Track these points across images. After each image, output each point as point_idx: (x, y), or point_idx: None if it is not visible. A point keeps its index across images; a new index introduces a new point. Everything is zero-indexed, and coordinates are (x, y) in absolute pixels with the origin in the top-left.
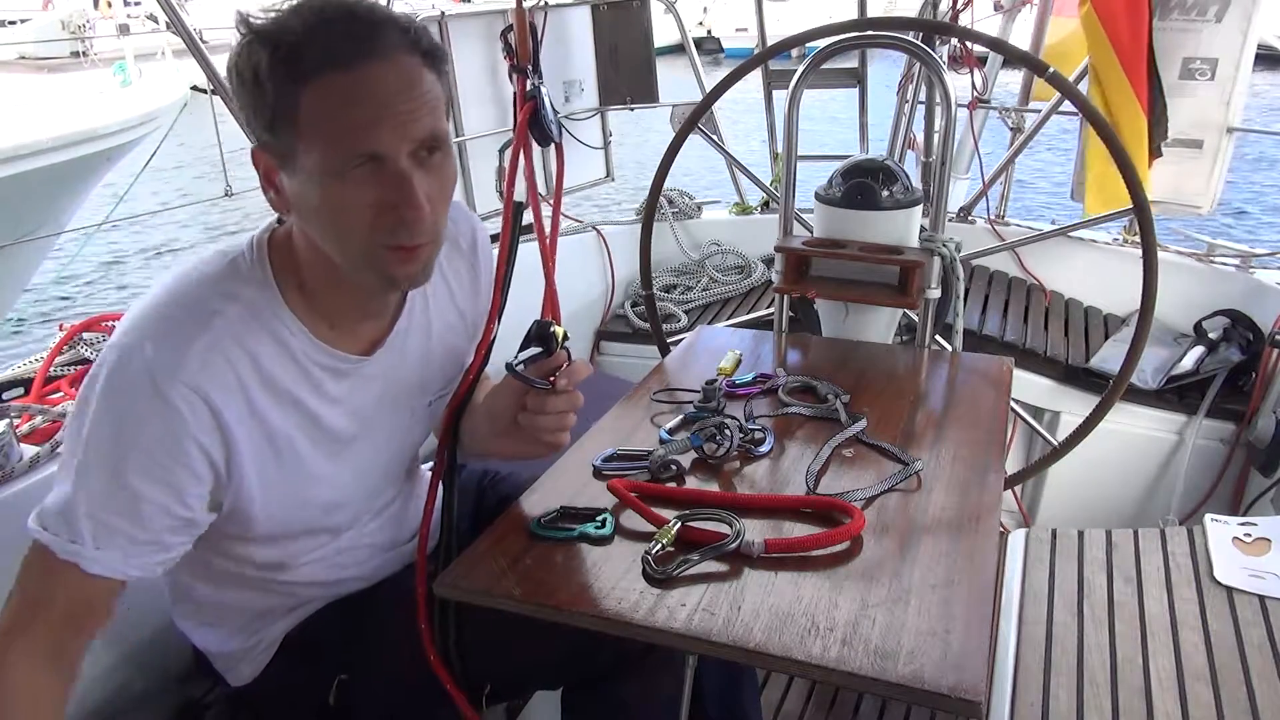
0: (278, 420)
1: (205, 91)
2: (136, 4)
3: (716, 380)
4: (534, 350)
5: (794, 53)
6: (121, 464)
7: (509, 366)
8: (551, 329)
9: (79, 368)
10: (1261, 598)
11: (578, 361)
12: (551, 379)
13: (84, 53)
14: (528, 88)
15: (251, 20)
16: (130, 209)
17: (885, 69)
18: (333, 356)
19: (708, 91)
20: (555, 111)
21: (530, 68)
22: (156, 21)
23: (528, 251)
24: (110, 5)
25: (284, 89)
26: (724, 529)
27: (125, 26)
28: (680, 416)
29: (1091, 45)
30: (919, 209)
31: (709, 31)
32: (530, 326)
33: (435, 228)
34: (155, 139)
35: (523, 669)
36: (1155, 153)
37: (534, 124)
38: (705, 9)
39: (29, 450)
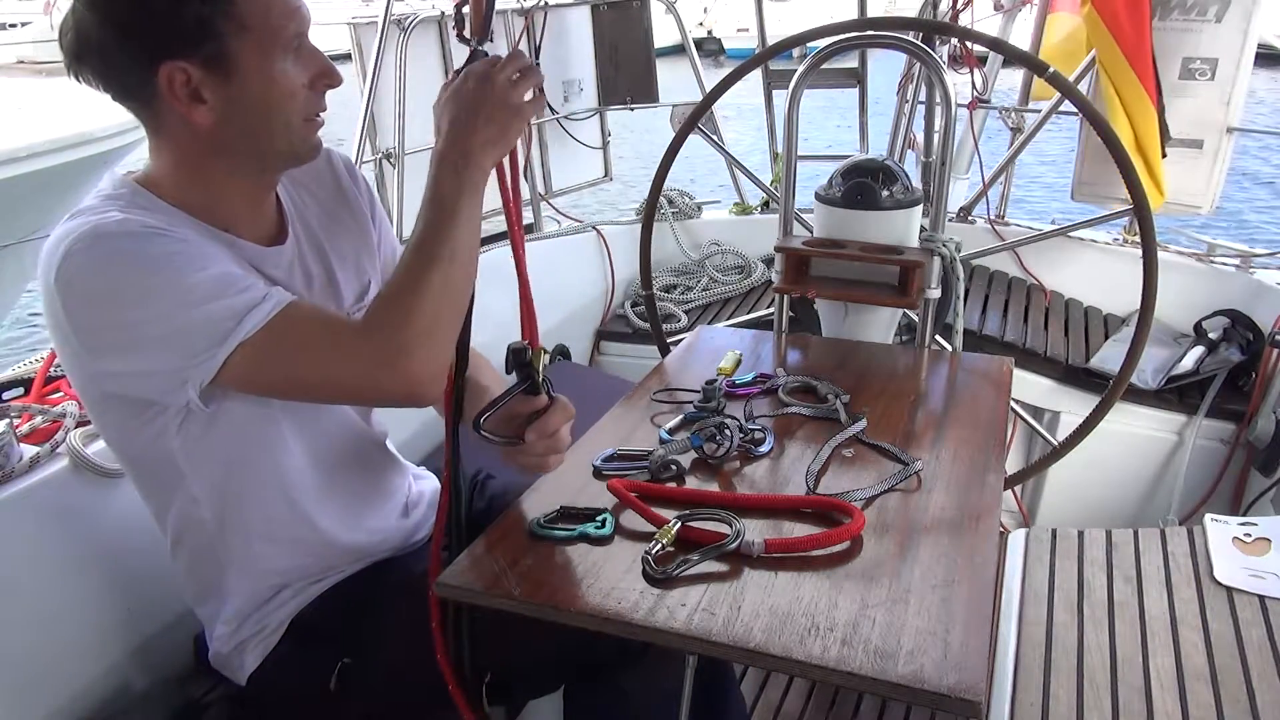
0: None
1: None
2: None
3: (716, 380)
4: (513, 387)
5: (794, 53)
6: (200, 265)
7: (475, 425)
8: (528, 357)
9: None
10: (1261, 598)
11: (557, 408)
12: (523, 431)
13: None
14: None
15: None
16: None
17: (885, 69)
18: (242, 249)
19: (708, 92)
20: None
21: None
22: None
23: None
24: None
25: None
26: (724, 529)
27: None
28: (680, 416)
29: (1097, 44)
30: (919, 209)
31: (709, 31)
32: (506, 354)
33: None
34: None
35: (524, 662)
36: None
37: None
38: (705, 9)
39: (29, 450)
